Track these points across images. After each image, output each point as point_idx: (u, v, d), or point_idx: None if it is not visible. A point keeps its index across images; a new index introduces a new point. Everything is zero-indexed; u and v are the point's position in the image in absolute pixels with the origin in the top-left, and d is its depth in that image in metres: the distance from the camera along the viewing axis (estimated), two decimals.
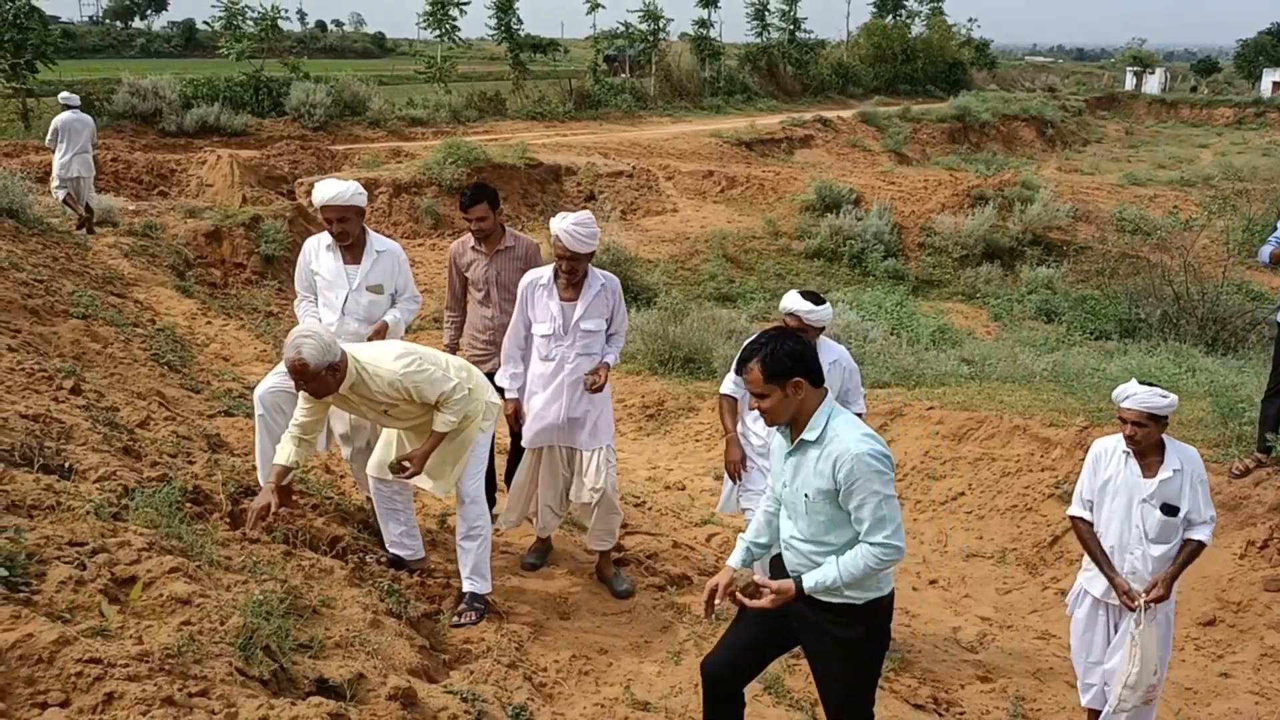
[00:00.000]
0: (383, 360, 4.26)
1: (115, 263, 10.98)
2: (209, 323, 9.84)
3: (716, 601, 3.36)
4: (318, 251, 5.25)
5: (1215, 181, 27.26)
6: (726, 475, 5.11)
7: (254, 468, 4.91)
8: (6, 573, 2.74)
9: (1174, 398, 4.32)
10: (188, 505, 3.99)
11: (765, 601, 3.24)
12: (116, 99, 22.16)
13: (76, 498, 3.43)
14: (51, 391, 4.85)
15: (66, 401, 4.76)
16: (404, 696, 3.07)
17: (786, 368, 3.14)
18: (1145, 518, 4.40)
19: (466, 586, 4.62)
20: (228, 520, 4.18)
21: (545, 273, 5.04)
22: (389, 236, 5.96)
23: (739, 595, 3.30)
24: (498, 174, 18.88)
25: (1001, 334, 15.87)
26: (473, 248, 5.64)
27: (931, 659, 5.56)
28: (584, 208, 19.37)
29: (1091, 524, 4.58)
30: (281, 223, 14.41)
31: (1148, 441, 4.36)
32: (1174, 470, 4.38)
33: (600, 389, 5.04)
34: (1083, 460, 7.27)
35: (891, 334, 13.81)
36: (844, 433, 3.18)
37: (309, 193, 16.70)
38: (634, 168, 21.43)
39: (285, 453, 4.26)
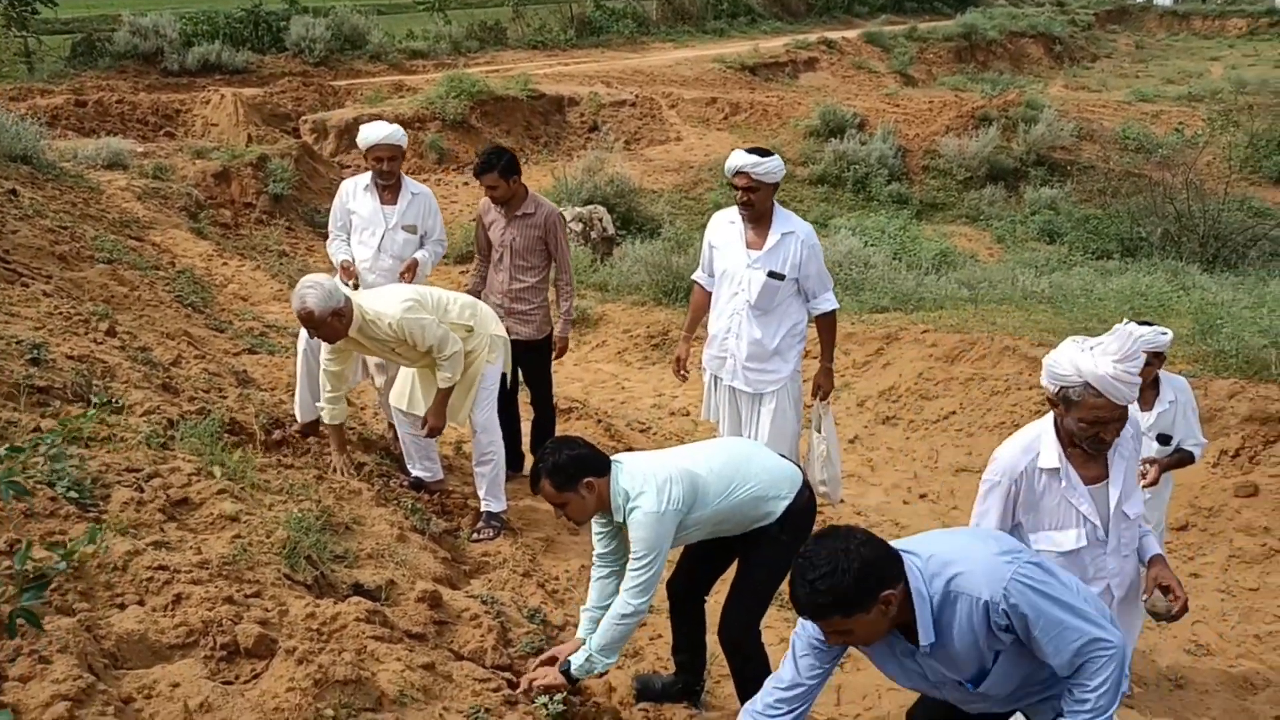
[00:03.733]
0: (387, 304, 4.58)
1: (129, 206, 11.21)
2: (225, 264, 10.13)
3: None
4: (355, 192, 5.63)
5: (1223, 96, 27.00)
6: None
7: (281, 401, 5.31)
8: (77, 495, 3.10)
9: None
10: (226, 435, 4.35)
11: (538, 687, 3.27)
12: (118, 38, 22.10)
13: (128, 430, 3.78)
14: (89, 334, 5.17)
15: (105, 343, 5.08)
16: (431, 599, 3.46)
17: (572, 473, 3.31)
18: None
19: (484, 507, 5.02)
20: (262, 448, 4.54)
21: (1048, 450, 3.22)
22: None
23: (522, 684, 3.29)
24: (500, 107, 18.92)
25: (1004, 256, 16.02)
26: (495, 207, 5.58)
27: None
28: (587, 139, 19.51)
29: None
30: (288, 161, 14.57)
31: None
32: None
33: (1184, 612, 3.22)
34: None
35: (894, 259, 13.97)
36: (637, 497, 3.33)
37: (314, 130, 17.00)
38: (637, 97, 21.39)
39: (331, 415, 4.80)
